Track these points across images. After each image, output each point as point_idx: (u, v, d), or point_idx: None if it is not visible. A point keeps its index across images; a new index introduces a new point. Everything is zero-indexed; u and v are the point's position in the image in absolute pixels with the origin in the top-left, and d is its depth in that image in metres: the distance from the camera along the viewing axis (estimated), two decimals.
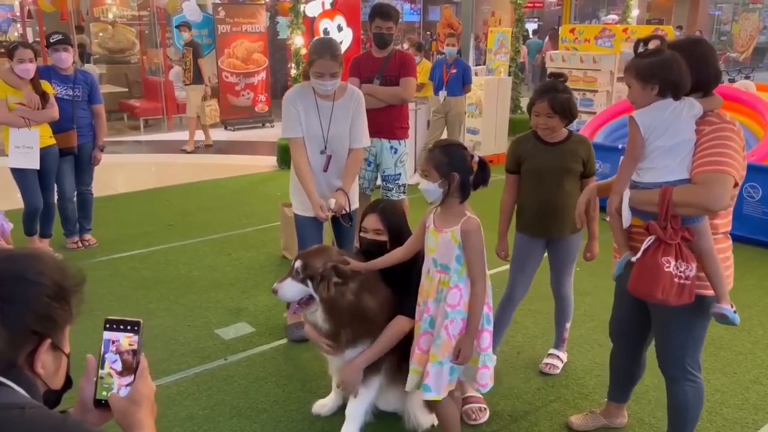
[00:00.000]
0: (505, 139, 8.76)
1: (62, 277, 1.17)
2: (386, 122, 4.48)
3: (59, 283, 1.16)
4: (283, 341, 3.72)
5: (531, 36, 19.81)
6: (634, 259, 2.22)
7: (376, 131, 4.31)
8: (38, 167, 4.74)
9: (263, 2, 12.36)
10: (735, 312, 2.23)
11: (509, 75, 9.94)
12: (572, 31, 9.95)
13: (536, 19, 21.09)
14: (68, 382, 1.24)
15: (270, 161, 8.61)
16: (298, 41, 8.22)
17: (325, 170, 3.43)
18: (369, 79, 4.46)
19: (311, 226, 3.51)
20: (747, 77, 11.96)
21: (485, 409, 3.02)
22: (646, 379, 2.88)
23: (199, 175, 7.97)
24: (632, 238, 2.33)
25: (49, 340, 1.15)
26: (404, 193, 4.62)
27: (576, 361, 3.51)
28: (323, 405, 3.04)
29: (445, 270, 2.36)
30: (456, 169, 2.30)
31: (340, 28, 10.91)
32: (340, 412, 2.98)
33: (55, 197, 5.13)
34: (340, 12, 10.88)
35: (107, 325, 1.23)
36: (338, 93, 3.42)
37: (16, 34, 16.44)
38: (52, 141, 4.82)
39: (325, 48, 3.27)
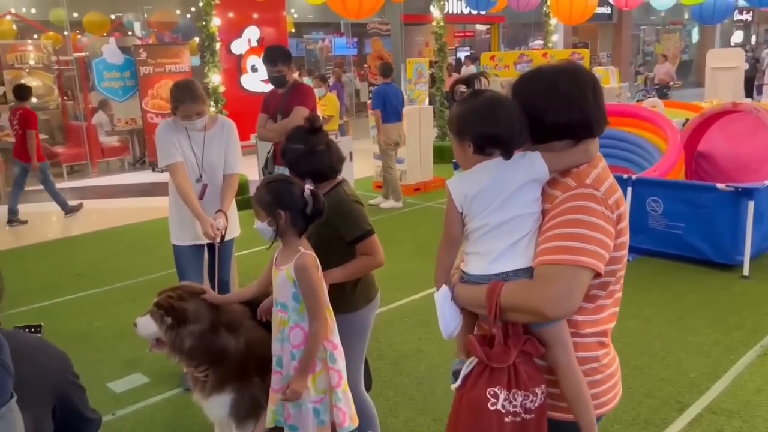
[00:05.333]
0: (431, 167, 8.83)
1: None
2: None
3: None
4: (177, 391, 3.56)
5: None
6: (453, 386, 1.63)
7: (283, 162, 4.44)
8: None
9: (187, 43, 12.29)
10: None
11: (430, 104, 10.08)
12: (492, 58, 10.19)
13: (468, 48, 21.60)
14: None
15: None
16: (215, 79, 8.12)
17: (201, 198, 3.51)
18: (274, 116, 4.51)
19: (191, 255, 3.65)
20: (663, 96, 12.39)
21: None
22: None
23: (118, 221, 7.74)
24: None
25: None
26: None
27: None
28: None
29: (283, 309, 2.28)
30: (282, 206, 2.21)
31: None
32: None
33: None
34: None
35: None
36: (209, 124, 3.56)
37: None
38: None
39: (184, 93, 3.40)
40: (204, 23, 8.03)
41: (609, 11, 22.38)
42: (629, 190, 5.18)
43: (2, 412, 1.06)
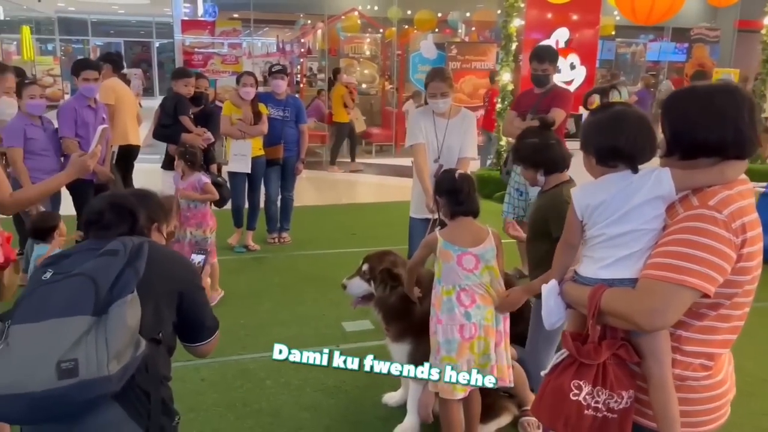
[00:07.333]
0: None
1: (160, 202, 2.09)
2: None
3: (158, 202, 2.08)
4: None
5: None
6: (543, 373, 1.81)
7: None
8: (249, 171, 5.82)
9: (495, 42, 12.90)
10: None
11: None
12: None
13: None
14: None
15: None
16: (506, 77, 8.55)
17: (436, 176, 3.90)
18: (524, 114, 4.72)
19: (422, 228, 4.08)
20: None
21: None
22: None
23: (402, 196, 8.74)
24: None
25: (156, 224, 2.02)
26: None
27: None
28: (392, 396, 3.40)
29: None
30: (438, 193, 2.68)
31: (572, 66, 10.96)
32: (404, 406, 3.30)
33: (263, 199, 6.22)
34: (574, 50, 10.93)
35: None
36: (453, 113, 4.03)
37: (298, 67, 19.39)
38: (261, 152, 5.88)
39: (436, 73, 3.95)
40: (504, 24, 8.48)
41: None
42: None
43: (126, 300, 1.59)
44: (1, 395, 1.50)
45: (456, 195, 2.66)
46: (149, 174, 5.59)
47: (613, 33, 17.37)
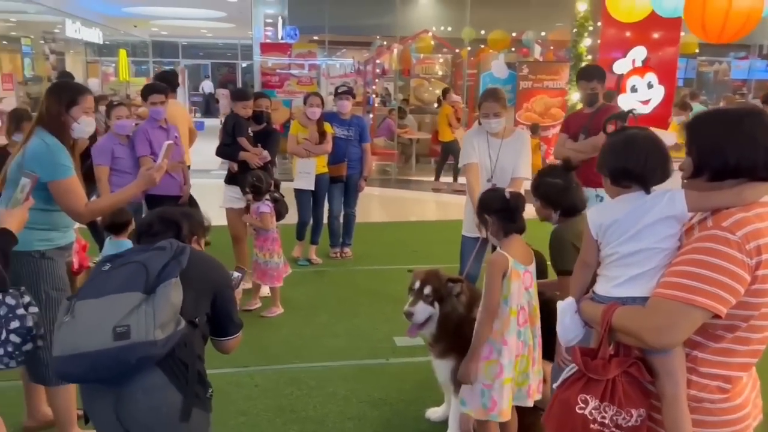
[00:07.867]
0: None
1: (200, 219, 2.39)
2: (590, 171, 4.64)
3: (199, 219, 2.37)
4: None
5: None
6: (554, 385, 1.84)
7: (583, 181, 4.64)
8: (313, 188, 6.04)
9: (568, 62, 12.75)
10: None
11: None
12: None
13: None
14: None
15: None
16: (574, 97, 8.46)
17: None
18: (576, 134, 4.70)
19: (472, 245, 4.14)
20: None
21: None
22: None
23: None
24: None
25: (195, 236, 2.31)
26: None
27: None
28: (434, 411, 3.46)
29: None
30: (487, 211, 2.63)
31: (650, 86, 10.69)
32: (446, 422, 3.34)
33: (326, 215, 6.42)
34: (651, 69, 10.65)
35: None
36: (507, 133, 4.06)
37: (373, 87, 19.71)
38: (325, 170, 6.09)
39: (489, 93, 4.02)
40: (574, 43, 8.41)
41: None
42: None
43: (171, 282, 1.90)
44: (67, 355, 1.84)
45: (511, 213, 2.65)
46: (219, 188, 5.88)
47: (697, 51, 16.77)
